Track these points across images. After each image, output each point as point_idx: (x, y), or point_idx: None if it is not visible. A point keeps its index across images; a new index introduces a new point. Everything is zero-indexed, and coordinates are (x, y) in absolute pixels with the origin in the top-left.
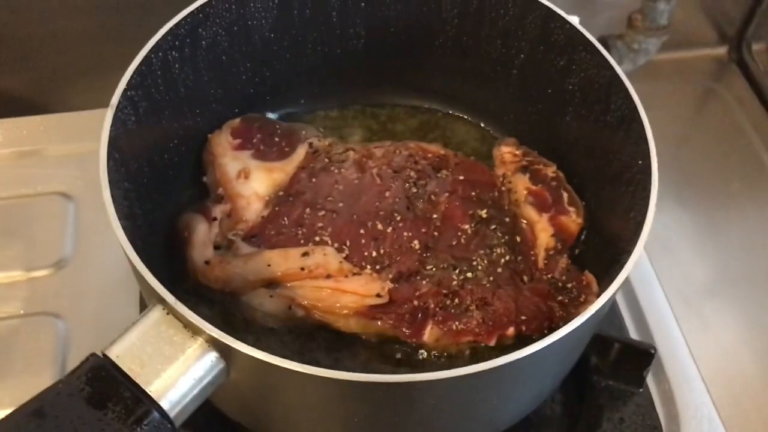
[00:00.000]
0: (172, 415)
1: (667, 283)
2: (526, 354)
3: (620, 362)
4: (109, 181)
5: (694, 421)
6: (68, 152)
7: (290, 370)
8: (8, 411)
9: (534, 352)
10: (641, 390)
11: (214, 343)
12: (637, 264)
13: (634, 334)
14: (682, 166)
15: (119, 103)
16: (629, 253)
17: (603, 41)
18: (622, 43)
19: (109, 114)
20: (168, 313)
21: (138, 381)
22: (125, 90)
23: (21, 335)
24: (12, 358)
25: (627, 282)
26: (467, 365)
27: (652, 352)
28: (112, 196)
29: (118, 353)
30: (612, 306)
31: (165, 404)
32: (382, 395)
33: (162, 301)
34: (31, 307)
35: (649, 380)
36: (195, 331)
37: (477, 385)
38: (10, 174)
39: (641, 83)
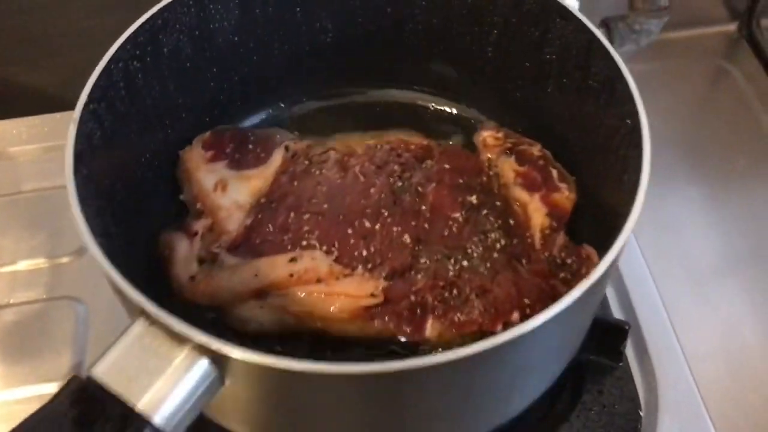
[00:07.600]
0: (167, 430)
1: (672, 259)
2: (530, 328)
3: (600, 338)
4: (78, 197)
5: (673, 391)
6: None
7: (288, 370)
8: (32, 387)
9: (539, 324)
10: (620, 364)
11: (203, 350)
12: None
13: (617, 311)
14: (691, 144)
15: (81, 116)
16: (626, 215)
17: (605, 23)
18: (624, 24)
19: (72, 129)
20: (151, 325)
21: (125, 398)
22: (87, 103)
23: (44, 318)
24: (35, 339)
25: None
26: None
27: (627, 328)
28: (84, 213)
29: (101, 371)
30: None
31: (157, 419)
32: (391, 385)
33: (143, 312)
34: (53, 291)
35: (631, 356)
36: (180, 340)
37: (476, 368)
38: (34, 169)
39: (650, 63)
